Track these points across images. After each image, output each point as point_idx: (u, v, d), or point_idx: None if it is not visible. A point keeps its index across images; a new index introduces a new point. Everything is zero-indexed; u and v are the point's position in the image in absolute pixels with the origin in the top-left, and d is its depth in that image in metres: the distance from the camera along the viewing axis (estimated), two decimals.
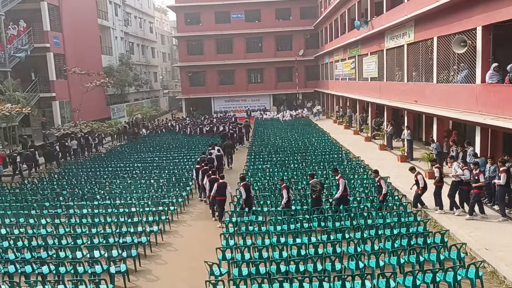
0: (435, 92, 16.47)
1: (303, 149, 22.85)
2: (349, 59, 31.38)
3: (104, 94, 38.99)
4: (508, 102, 11.59)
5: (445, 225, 11.43)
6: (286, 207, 12.47)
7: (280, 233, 10.72)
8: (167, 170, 19.81)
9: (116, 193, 15.98)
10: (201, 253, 10.78)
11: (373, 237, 10.20)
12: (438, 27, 15.97)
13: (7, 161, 22.32)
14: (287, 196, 12.42)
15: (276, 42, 46.51)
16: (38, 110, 28.76)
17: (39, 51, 29.16)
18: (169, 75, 72.30)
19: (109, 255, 10.05)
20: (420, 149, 20.56)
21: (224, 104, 46.82)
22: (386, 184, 13.00)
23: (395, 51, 21.32)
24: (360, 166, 18.62)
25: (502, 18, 11.92)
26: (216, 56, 46.35)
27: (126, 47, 48.44)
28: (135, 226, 11.91)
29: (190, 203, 15.96)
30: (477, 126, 13.60)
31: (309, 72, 47.20)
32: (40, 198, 15.85)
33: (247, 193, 12.73)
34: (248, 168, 18.91)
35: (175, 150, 25.75)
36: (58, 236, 11.30)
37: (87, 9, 36.49)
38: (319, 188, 12.47)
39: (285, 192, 12.44)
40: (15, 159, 21.31)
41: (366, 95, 26.08)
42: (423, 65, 18.17)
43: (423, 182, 12.74)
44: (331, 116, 40.07)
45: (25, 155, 21.81)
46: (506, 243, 10.05)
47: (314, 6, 45.40)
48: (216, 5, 45.32)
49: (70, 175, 19.94)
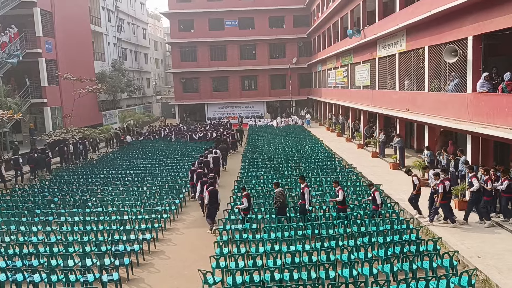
0: (427, 100, 16.64)
1: (297, 156, 22.91)
2: (341, 67, 31.62)
3: (96, 100, 38.85)
4: (498, 110, 11.74)
5: (437, 232, 11.50)
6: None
7: (274, 241, 10.71)
8: (160, 177, 19.72)
9: (108, 200, 15.86)
10: (195, 261, 10.73)
11: (366, 244, 10.24)
12: (430, 37, 16.17)
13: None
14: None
15: (269, 50, 46.77)
16: (29, 116, 28.54)
17: (31, 57, 29.02)
18: (162, 81, 72.25)
19: (101, 263, 9.96)
20: (412, 157, 20.72)
21: (218, 111, 46.88)
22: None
23: (387, 59, 21.54)
24: (353, 173, 18.70)
25: (492, 28, 12.11)
26: (210, 62, 46.47)
27: (119, 53, 48.37)
28: (127, 234, 11.82)
29: (183, 210, 15.89)
30: (468, 135, 13.75)
31: (302, 79, 47.48)
32: (31, 205, 15.68)
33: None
34: (242, 175, 18.91)
35: (168, 156, 25.65)
36: (50, 244, 11.17)
37: (80, 15, 36.45)
38: (283, 198, 12.61)
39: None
40: (17, 161, 21.56)
41: (359, 103, 26.26)
42: (414, 74, 18.36)
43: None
44: (324, 124, 40.26)
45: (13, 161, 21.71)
46: (497, 250, 10.13)
47: (307, 15, 45.79)
48: (210, 12, 45.50)
49: (62, 182, 19.75)
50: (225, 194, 15.36)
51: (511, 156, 14.70)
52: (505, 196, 12.07)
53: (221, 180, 19.39)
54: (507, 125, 11.24)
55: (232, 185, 17.28)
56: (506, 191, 11.96)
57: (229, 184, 17.97)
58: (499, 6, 11.67)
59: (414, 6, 17.42)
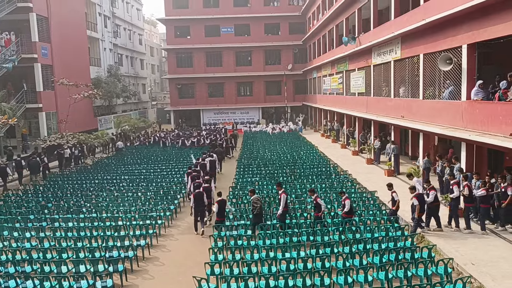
0: (422, 108, 16.74)
1: (292, 162, 22.93)
2: (336, 74, 31.77)
3: (92, 106, 38.75)
4: (492, 118, 11.83)
5: (432, 240, 11.52)
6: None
7: (269, 248, 10.69)
8: (154, 183, 19.65)
9: (102, 206, 15.77)
10: (189, 268, 10.68)
11: (361, 251, 10.24)
12: (424, 45, 16.31)
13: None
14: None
15: (265, 56, 46.97)
16: (24, 121, 28.40)
17: (26, 62, 28.95)
18: (157, 87, 72.24)
19: (95, 269, 9.89)
20: (407, 164, 20.80)
21: (213, 117, 46.92)
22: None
23: (382, 67, 21.67)
24: (347, 180, 18.73)
25: (486, 37, 12.24)
26: (205, 68, 46.56)
27: (115, 59, 48.36)
28: (121, 240, 11.74)
29: (178, 216, 15.83)
30: (463, 142, 13.83)
31: (298, 86, 47.66)
32: (25, 210, 15.55)
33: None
34: (237, 181, 18.88)
35: (163, 162, 25.58)
36: (43, 250, 11.07)
37: (76, 20, 36.48)
38: (259, 205, 12.64)
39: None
40: (20, 163, 21.79)
41: (354, 109, 26.37)
42: (409, 82, 18.48)
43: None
44: (319, 130, 40.37)
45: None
46: (491, 258, 10.17)
47: (303, 22, 46.07)
48: (206, 19, 45.65)
49: (56, 187, 19.63)
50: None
51: (505, 164, 14.79)
52: (482, 207, 12.12)
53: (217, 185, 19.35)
54: (501, 132, 11.33)
55: (227, 190, 17.24)
56: (483, 201, 12.01)
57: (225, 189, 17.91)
58: (492, 15, 11.81)
59: (409, 15, 17.58)
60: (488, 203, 12.28)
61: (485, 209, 12.14)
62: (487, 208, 12.21)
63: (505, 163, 14.84)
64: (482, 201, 12.05)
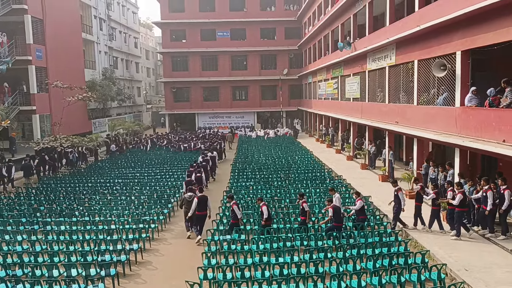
0: (416, 113, 16.81)
1: (287, 167, 22.92)
2: (332, 79, 31.88)
3: (86, 108, 38.58)
4: (486, 125, 11.90)
5: (425, 245, 11.53)
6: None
7: (263, 252, 10.64)
8: (148, 187, 19.56)
9: (95, 209, 15.66)
10: (182, 272, 10.60)
11: (355, 256, 10.22)
12: (419, 51, 16.40)
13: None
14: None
15: (260, 61, 47.06)
16: (17, 123, 28.20)
17: (21, 64, 28.78)
18: (153, 90, 72.12)
19: (86, 273, 9.79)
20: (401, 169, 20.85)
21: (208, 120, 46.89)
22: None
23: (377, 72, 21.77)
24: (342, 185, 18.74)
25: (480, 44, 12.33)
26: (201, 72, 46.56)
27: (110, 62, 48.23)
28: (114, 244, 11.65)
29: (171, 220, 15.74)
30: (457, 148, 13.89)
31: (293, 90, 47.75)
32: (17, 213, 15.41)
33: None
34: (231, 185, 18.84)
35: (157, 166, 25.49)
36: (34, 254, 10.96)
37: (72, 23, 36.34)
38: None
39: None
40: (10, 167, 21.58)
41: (348, 115, 26.45)
42: (404, 87, 18.57)
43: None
44: (313, 135, 40.43)
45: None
46: (485, 264, 10.18)
47: (298, 27, 46.24)
48: (202, 23, 45.71)
49: (49, 190, 19.47)
50: (214, 205, 15.26)
51: (498, 169, 14.86)
52: (457, 210, 12.11)
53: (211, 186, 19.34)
54: (494, 139, 11.39)
55: (221, 195, 17.19)
56: (459, 205, 12.04)
57: (219, 193, 17.87)
58: (486, 23, 11.90)
59: (404, 21, 17.70)
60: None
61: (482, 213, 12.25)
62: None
63: (499, 169, 14.92)
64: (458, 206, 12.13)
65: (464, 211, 12.30)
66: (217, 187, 20.44)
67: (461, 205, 12.05)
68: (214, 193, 18.60)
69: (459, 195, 11.98)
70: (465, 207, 12.29)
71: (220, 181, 22.02)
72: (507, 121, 10.96)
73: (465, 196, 12.20)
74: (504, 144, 10.90)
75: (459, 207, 12.06)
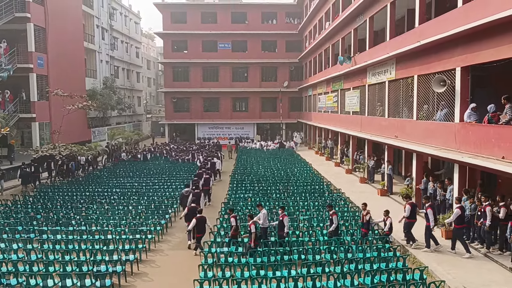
0: (415, 128, 16.82)
1: (285, 179, 22.85)
2: (332, 92, 31.98)
3: (86, 117, 38.60)
4: (485, 141, 11.90)
5: (424, 261, 11.45)
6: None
7: (260, 266, 10.55)
8: (146, 197, 19.47)
9: (92, 219, 15.56)
10: (178, 284, 10.50)
11: (353, 271, 10.13)
12: (419, 66, 16.47)
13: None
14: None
15: (261, 73, 47.29)
16: (16, 131, 28.16)
17: (22, 72, 28.87)
18: (153, 100, 72.31)
19: (81, 284, 9.70)
20: (400, 184, 20.80)
21: (208, 131, 46.91)
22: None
23: (377, 87, 21.84)
24: (341, 198, 18.67)
25: (480, 60, 12.39)
26: (202, 83, 46.73)
27: (111, 71, 48.45)
28: (110, 254, 11.56)
29: (168, 231, 15.64)
30: (456, 164, 13.87)
31: (293, 103, 47.90)
32: (13, 221, 15.30)
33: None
34: (230, 197, 18.76)
35: (155, 176, 25.41)
36: (30, 263, 10.85)
37: (74, 32, 36.56)
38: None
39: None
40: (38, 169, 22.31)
41: (348, 128, 26.47)
42: (403, 102, 18.61)
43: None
44: (313, 147, 40.43)
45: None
46: (484, 281, 10.10)
47: (299, 40, 46.56)
48: (204, 34, 46.02)
49: (46, 199, 19.37)
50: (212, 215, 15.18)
51: (498, 186, 14.83)
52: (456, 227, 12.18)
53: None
54: (493, 155, 11.38)
55: (219, 206, 17.10)
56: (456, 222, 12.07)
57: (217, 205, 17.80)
58: (487, 40, 11.97)
59: (404, 36, 17.82)
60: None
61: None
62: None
63: (498, 186, 14.88)
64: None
65: (463, 227, 12.25)
66: (215, 198, 20.28)
67: (459, 221, 12.01)
68: (211, 205, 18.50)
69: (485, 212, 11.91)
70: (464, 223, 12.24)
71: (218, 192, 21.75)
72: (506, 138, 10.97)
73: (463, 212, 12.16)
74: (503, 160, 10.89)
75: (457, 224, 12.00)
